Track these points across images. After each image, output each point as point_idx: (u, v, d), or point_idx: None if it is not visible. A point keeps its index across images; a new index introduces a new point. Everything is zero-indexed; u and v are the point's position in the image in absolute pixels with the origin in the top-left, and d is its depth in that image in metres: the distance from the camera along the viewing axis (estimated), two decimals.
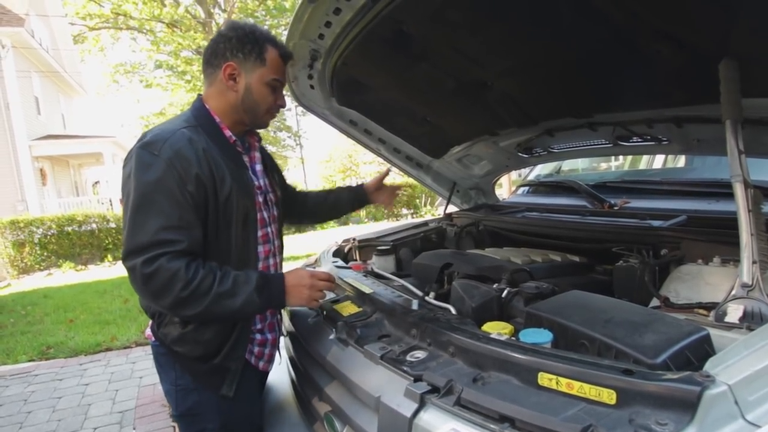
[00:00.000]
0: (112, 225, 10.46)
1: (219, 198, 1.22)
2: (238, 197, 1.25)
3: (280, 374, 1.67)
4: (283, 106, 1.36)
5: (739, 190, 1.09)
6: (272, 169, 1.51)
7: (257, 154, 1.44)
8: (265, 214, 1.39)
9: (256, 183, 1.37)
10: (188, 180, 1.16)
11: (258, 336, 1.40)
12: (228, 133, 1.32)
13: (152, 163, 1.15)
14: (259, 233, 1.36)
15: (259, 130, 1.47)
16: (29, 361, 4.16)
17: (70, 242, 10.02)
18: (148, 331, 1.38)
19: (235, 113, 1.32)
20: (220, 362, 1.27)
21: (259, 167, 1.43)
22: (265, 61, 1.28)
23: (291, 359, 1.59)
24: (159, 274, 1.10)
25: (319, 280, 1.31)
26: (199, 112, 1.30)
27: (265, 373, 1.51)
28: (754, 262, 1.03)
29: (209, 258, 1.21)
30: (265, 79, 1.29)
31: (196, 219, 1.18)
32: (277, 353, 1.50)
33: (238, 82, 1.29)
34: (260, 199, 1.37)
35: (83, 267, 9.88)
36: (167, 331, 1.27)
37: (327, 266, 1.76)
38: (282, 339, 1.55)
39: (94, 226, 10.28)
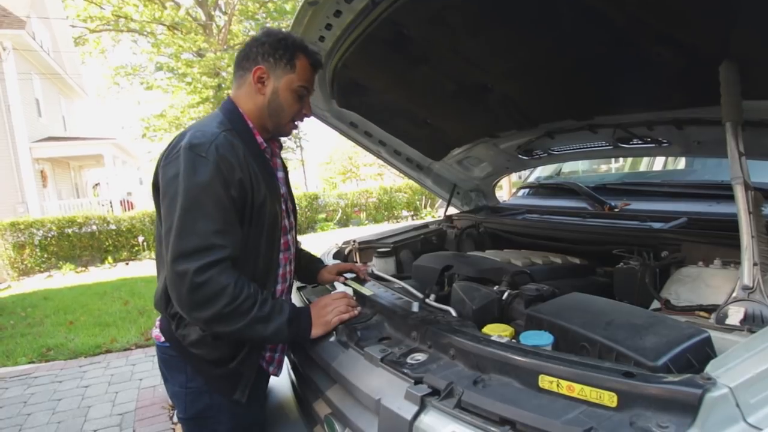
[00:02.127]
0: (113, 227, 10.46)
1: (255, 204, 1.22)
2: (270, 204, 1.26)
3: (280, 376, 1.67)
4: (308, 115, 1.35)
5: (739, 192, 1.09)
6: (287, 178, 1.51)
7: (279, 161, 1.44)
8: (286, 222, 1.39)
9: (281, 190, 1.38)
10: (232, 184, 1.16)
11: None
12: (260, 138, 1.31)
13: (201, 164, 1.14)
14: (282, 240, 1.36)
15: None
16: (29, 363, 4.16)
17: (70, 244, 10.03)
18: (156, 332, 1.35)
19: (260, 118, 1.31)
20: (235, 367, 1.27)
21: (281, 174, 1.42)
22: (295, 67, 1.27)
23: (291, 361, 1.59)
24: (208, 286, 1.09)
25: (336, 299, 1.34)
26: (233, 115, 1.28)
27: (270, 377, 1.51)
28: (754, 264, 1.03)
29: (237, 263, 1.20)
30: (292, 85, 1.28)
31: (238, 223, 1.19)
32: (285, 358, 1.51)
33: (266, 86, 1.28)
34: (284, 206, 1.37)
35: (83, 269, 9.89)
36: (186, 332, 1.25)
37: (340, 287, 1.67)
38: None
39: (94, 227, 10.29)
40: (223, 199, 1.14)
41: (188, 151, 1.15)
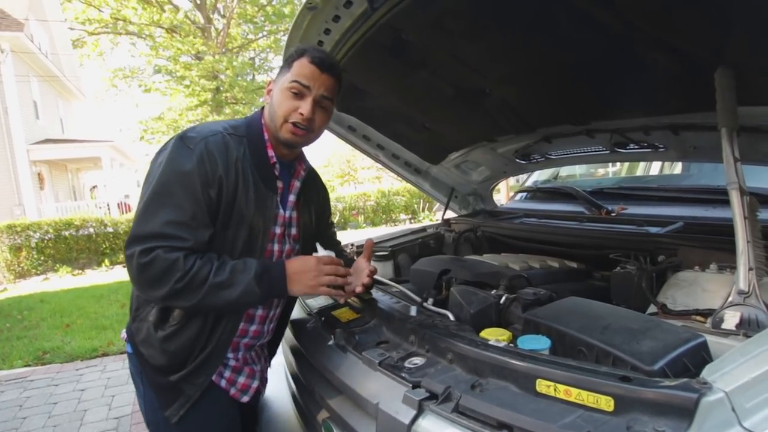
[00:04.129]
0: (110, 229, 10.42)
1: (234, 210, 1.16)
2: (254, 217, 1.19)
3: (277, 381, 1.67)
4: (304, 114, 1.19)
5: (735, 197, 1.10)
6: (308, 205, 1.39)
7: (297, 183, 1.34)
8: (276, 247, 1.29)
9: (281, 213, 1.28)
10: (212, 182, 1.12)
11: (232, 361, 1.30)
12: (270, 152, 1.25)
13: (185, 155, 1.12)
14: None
15: None
16: (25, 366, 4.14)
17: (67, 247, 9.98)
18: (124, 333, 1.31)
19: (270, 129, 1.25)
20: (175, 381, 1.19)
21: (292, 198, 1.32)
22: (291, 66, 1.20)
23: (289, 366, 1.58)
24: (156, 263, 1.06)
25: (324, 264, 1.21)
26: (252, 124, 1.26)
27: (252, 405, 1.40)
28: (750, 269, 1.04)
29: None
30: (285, 84, 1.20)
31: (208, 223, 1.13)
32: (258, 387, 1.38)
33: (270, 95, 1.26)
34: (278, 230, 1.28)
35: (80, 272, 9.84)
36: (138, 326, 1.22)
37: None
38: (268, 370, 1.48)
39: (91, 230, 10.24)
40: (197, 193, 1.10)
41: (178, 140, 1.15)
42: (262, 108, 1.30)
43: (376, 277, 1.76)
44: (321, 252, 1.36)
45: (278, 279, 1.17)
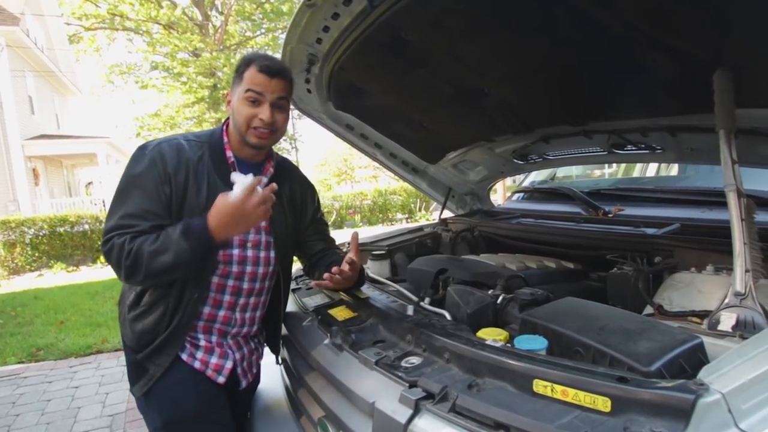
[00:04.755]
0: None
1: (186, 202, 1.27)
2: (207, 210, 1.21)
3: (273, 379, 1.66)
4: (264, 119, 1.28)
5: (732, 199, 1.11)
6: (280, 197, 1.38)
7: (264, 179, 1.36)
8: (237, 237, 1.34)
9: None
10: (164, 180, 1.25)
11: (203, 341, 1.36)
12: (229, 153, 1.36)
13: (139, 160, 1.27)
14: (221, 253, 1.31)
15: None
16: (18, 363, 4.11)
17: (61, 243, 9.93)
18: None
19: (233, 134, 1.37)
20: (140, 359, 1.31)
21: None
22: (243, 76, 1.30)
23: (285, 363, 1.58)
24: (112, 251, 1.20)
25: (244, 196, 1.16)
26: (215, 132, 1.40)
27: (241, 389, 1.45)
28: (746, 271, 1.04)
29: None
30: (241, 94, 1.30)
31: (163, 215, 1.25)
32: (242, 372, 1.44)
33: (230, 104, 1.35)
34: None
35: (75, 268, 9.79)
36: (121, 309, 1.38)
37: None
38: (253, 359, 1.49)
39: (86, 226, 10.18)
40: (150, 190, 1.24)
41: (137, 149, 1.32)
42: (227, 120, 1.40)
43: (373, 276, 1.77)
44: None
45: (201, 228, 1.18)
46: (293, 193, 1.51)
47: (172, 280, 1.26)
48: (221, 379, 1.37)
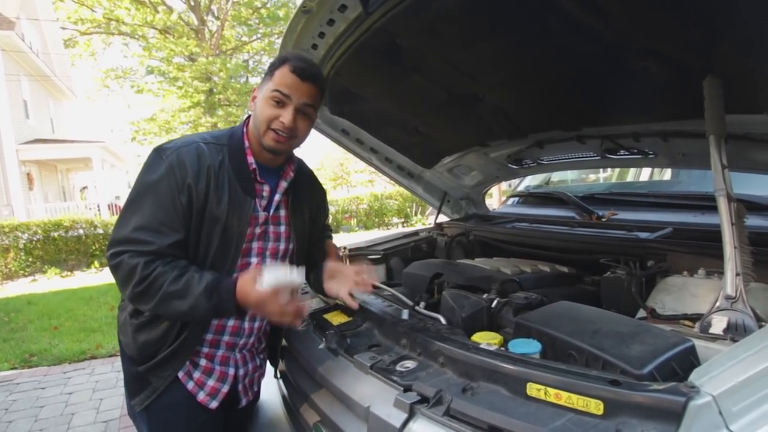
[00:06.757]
0: (100, 231, 10.29)
1: (206, 212, 1.21)
2: (228, 219, 1.22)
3: (269, 384, 1.66)
4: (285, 123, 1.21)
5: (722, 203, 1.12)
6: (300, 202, 1.40)
7: (284, 183, 1.35)
8: (256, 245, 1.32)
9: (260, 214, 1.30)
10: (182, 189, 1.17)
11: (203, 361, 1.31)
12: (250, 159, 1.28)
13: (157, 165, 1.19)
14: (240, 261, 1.28)
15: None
16: (11, 369, 4.07)
17: (56, 248, 9.85)
18: None
19: (253, 135, 1.29)
20: (142, 372, 1.25)
21: (277, 197, 1.34)
22: (273, 74, 1.23)
23: (280, 369, 1.58)
24: (120, 268, 1.15)
25: (282, 298, 1.15)
26: (234, 134, 1.31)
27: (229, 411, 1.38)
28: (737, 275, 1.05)
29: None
30: (268, 92, 1.22)
31: (179, 227, 1.18)
32: (226, 393, 1.35)
33: (254, 102, 1.29)
34: (257, 230, 1.31)
35: (69, 273, 9.71)
36: (121, 314, 1.31)
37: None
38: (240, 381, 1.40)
39: (81, 231, 10.11)
40: (166, 200, 1.17)
41: (153, 152, 1.23)
42: (248, 117, 1.33)
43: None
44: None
45: (227, 298, 1.15)
46: (313, 197, 1.48)
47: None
48: (214, 404, 1.31)
